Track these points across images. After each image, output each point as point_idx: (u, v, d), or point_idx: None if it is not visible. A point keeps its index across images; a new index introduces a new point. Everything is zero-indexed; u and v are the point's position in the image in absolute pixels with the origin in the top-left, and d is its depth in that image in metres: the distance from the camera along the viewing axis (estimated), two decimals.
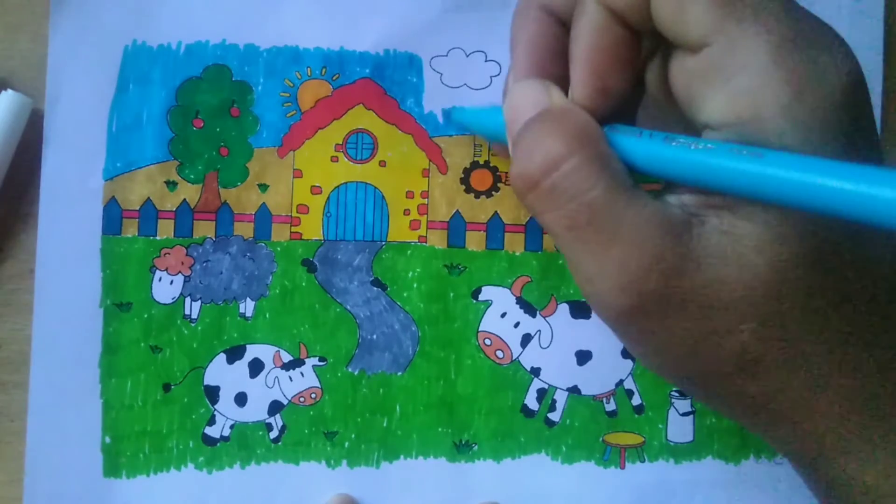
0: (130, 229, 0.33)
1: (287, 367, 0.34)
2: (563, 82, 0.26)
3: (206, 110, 0.33)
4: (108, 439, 0.33)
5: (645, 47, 0.26)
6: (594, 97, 0.25)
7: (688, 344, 0.23)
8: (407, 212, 0.34)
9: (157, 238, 0.33)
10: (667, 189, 0.24)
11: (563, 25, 0.27)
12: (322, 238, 0.34)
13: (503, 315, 0.34)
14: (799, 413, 0.23)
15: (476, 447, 0.34)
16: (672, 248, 0.22)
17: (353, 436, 0.34)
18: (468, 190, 0.34)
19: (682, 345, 0.23)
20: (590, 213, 0.22)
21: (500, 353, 0.34)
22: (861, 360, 0.22)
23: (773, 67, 0.21)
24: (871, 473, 0.23)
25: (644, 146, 0.23)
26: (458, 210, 0.34)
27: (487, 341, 0.34)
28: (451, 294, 0.34)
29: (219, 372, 0.33)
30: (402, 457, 0.34)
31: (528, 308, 0.34)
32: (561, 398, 0.34)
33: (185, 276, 0.33)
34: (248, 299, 0.34)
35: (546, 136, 0.23)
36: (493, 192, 0.34)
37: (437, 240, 0.34)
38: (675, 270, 0.22)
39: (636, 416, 0.34)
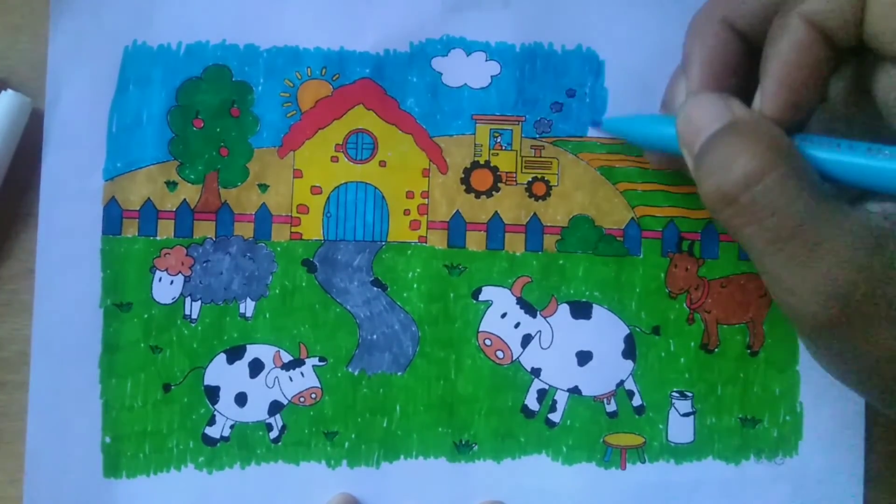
0: (130, 229, 0.33)
1: (287, 367, 0.33)
2: (738, 96, 0.26)
3: (206, 110, 0.33)
4: (108, 439, 0.33)
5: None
6: (785, 111, 0.25)
7: (894, 352, 0.23)
8: (407, 212, 0.34)
9: (158, 238, 0.33)
10: (864, 198, 0.24)
11: (743, 40, 0.27)
12: (322, 238, 0.34)
13: (503, 315, 0.34)
14: None
15: (476, 447, 0.34)
16: (878, 257, 0.22)
17: (353, 436, 0.34)
18: (468, 190, 0.34)
19: (889, 353, 0.23)
20: (793, 226, 0.23)
21: (500, 354, 0.34)
22: None
23: None
24: None
25: (844, 157, 0.24)
26: (458, 210, 0.34)
27: (488, 341, 0.34)
28: (452, 294, 0.34)
29: (219, 372, 0.33)
30: (402, 457, 0.34)
31: (529, 308, 0.34)
32: (561, 399, 0.34)
33: (186, 276, 0.33)
34: (248, 299, 0.34)
35: (740, 149, 0.24)
36: (494, 192, 0.34)
37: (438, 240, 0.34)
38: (882, 279, 0.22)
39: (637, 416, 0.34)
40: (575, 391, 0.34)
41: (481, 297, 0.34)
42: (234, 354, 0.33)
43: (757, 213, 0.23)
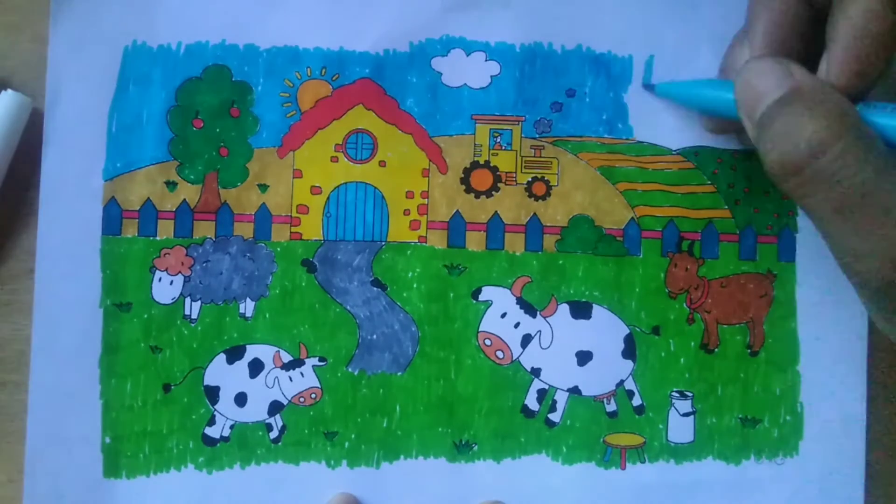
0: (130, 229, 0.33)
1: (287, 367, 0.33)
2: (802, 63, 0.26)
3: (206, 110, 0.33)
4: (108, 439, 0.33)
5: None
6: (851, 79, 0.25)
7: None
8: (407, 212, 0.34)
9: (157, 238, 0.33)
10: None
11: (809, 5, 0.27)
12: (322, 238, 0.34)
13: (503, 315, 0.34)
14: None
15: (476, 447, 0.34)
16: None
17: (353, 436, 0.34)
18: (468, 190, 0.34)
19: None
20: (859, 195, 0.23)
21: (500, 354, 0.34)
22: None
23: None
24: None
25: None
26: (458, 210, 0.34)
27: (487, 341, 0.34)
28: (451, 294, 0.34)
29: (219, 372, 0.33)
30: (402, 457, 0.34)
31: (529, 308, 0.34)
32: (561, 399, 0.34)
33: (185, 277, 0.33)
34: (248, 299, 0.34)
35: (805, 118, 0.24)
36: (493, 192, 0.34)
37: (437, 240, 0.34)
38: None
39: (637, 416, 0.34)
40: (575, 391, 0.34)
41: (481, 297, 0.34)
42: (234, 354, 0.33)
43: (822, 183, 0.23)
